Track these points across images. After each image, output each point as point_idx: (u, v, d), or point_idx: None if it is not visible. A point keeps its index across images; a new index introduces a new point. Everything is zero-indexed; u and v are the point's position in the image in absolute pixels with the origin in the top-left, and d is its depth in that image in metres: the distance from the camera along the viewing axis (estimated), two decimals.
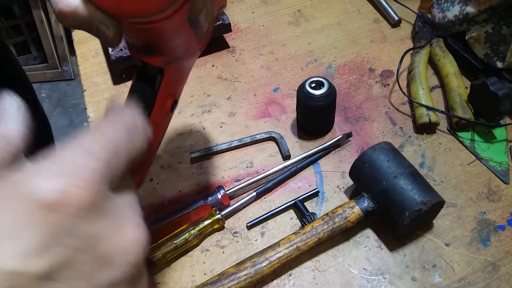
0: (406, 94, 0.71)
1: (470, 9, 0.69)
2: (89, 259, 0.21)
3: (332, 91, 0.62)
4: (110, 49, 0.75)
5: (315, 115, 0.65)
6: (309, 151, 0.65)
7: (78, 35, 0.85)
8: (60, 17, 0.33)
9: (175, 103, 0.48)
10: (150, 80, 0.42)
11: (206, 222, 0.58)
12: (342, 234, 0.58)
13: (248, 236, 0.59)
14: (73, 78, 2.26)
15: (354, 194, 0.62)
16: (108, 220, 0.22)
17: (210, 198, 0.59)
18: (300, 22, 0.84)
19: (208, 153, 0.66)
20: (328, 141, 0.66)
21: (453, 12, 0.72)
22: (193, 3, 0.39)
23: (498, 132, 0.67)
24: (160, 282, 0.56)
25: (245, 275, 0.52)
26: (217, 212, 0.59)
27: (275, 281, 0.55)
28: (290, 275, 0.55)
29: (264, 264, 0.53)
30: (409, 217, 0.52)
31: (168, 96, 0.47)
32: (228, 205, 0.60)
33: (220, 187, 0.60)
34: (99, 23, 0.35)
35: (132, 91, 0.44)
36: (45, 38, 2.11)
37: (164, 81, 0.43)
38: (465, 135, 0.67)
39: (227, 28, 0.80)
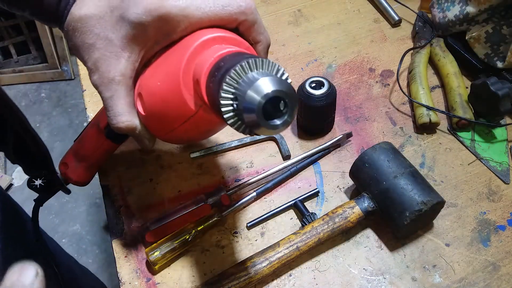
0: (406, 94, 0.71)
1: (470, 9, 0.69)
2: None
3: (332, 91, 0.62)
4: None
5: (315, 115, 0.65)
6: (309, 151, 0.65)
7: None
8: (117, 129, 0.45)
9: None
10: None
11: (206, 222, 0.58)
12: (342, 234, 0.58)
13: (248, 236, 0.59)
14: (73, 78, 2.25)
15: (354, 194, 0.62)
16: None
17: (210, 198, 0.59)
18: (300, 22, 0.84)
19: (208, 153, 0.66)
20: (328, 141, 0.66)
21: (454, 12, 0.72)
22: None
23: (498, 132, 0.67)
24: (160, 282, 0.56)
25: (245, 275, 0.52)
26: (217, 212, 0.59)
27: (275, 281, 0.55)
28: (290, 275, 0.55)
29: (264, 264, 0.53)
30: (409, 217, 0.52)
31: None
32: (228, 205, 0.60)
33: (220, 187, 0.60)
34: (145, 138, 0.47)
35: None
36: (45, 38, 2.11)
37: None
38: (465, 135, 0.67)
39: None
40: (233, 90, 0.34)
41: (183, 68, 0.38)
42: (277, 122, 0.35)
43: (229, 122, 0.34)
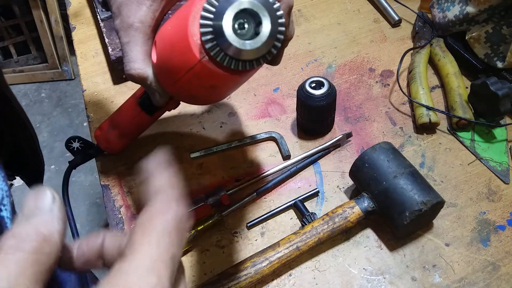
0: (406, 94, 0.71)
1: (470, 9, 0.69)
2: None
3: (332, 91, 0.62)
4: (110, 49, 0.75)
5: (315, 115, 0.65)
6: (309, 151, 0.65)
7: (78, 35, 0.85)
8: (130, 77, 0.46)
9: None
10: None
11: (206, 222, 0.58)
12: (342, 234, 0.58)
13: (248, 236, 0.59)
14: (73, 78, 2.26)
15: (354, 194, 0.62)
16: None
17: (210, 198, 0.59)
18: (300, 22, 0.84)
19: (208, 153, 0.66)
20: (328, 141, 0.66)
21: (453, 12, 0.72)
22: None
23: (498, 132, 0.67)
24: None
25: (245, 275, 0.52)
26: (217, 212, 0.59)
27: (275, 281, 0.55)
28: (290, 275, 0.55)
29: (264, 264, 0.53)
30: (409, 217, 0.52)
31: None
32: (228, 205, 0.60)
33: (220, 187, 0.60)
34: (156, 91, 0.48)
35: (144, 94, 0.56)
36: (45, 38, 2.11)
37: None
38: (465, 135, 0.67)
39: None
40: (212, 9, 0.35)
41: (193, 13, 0.39)
42: (247, 41, 0.36)
43: (207, 46, 0.36)
